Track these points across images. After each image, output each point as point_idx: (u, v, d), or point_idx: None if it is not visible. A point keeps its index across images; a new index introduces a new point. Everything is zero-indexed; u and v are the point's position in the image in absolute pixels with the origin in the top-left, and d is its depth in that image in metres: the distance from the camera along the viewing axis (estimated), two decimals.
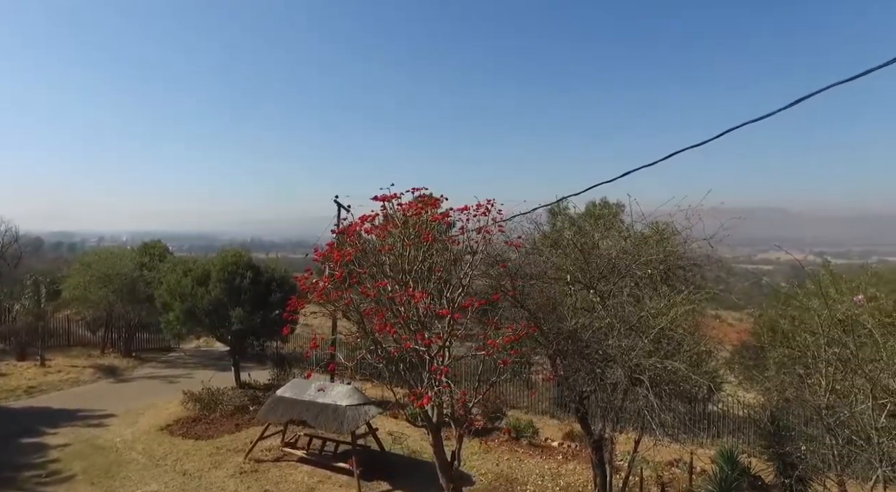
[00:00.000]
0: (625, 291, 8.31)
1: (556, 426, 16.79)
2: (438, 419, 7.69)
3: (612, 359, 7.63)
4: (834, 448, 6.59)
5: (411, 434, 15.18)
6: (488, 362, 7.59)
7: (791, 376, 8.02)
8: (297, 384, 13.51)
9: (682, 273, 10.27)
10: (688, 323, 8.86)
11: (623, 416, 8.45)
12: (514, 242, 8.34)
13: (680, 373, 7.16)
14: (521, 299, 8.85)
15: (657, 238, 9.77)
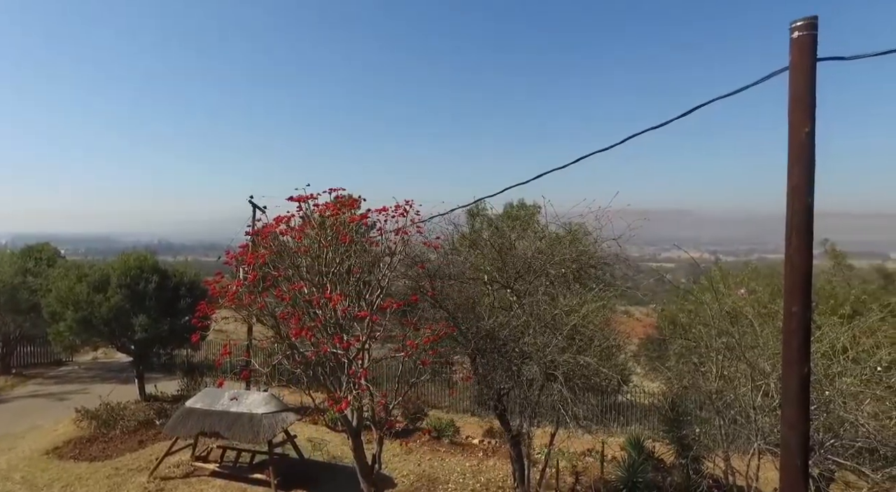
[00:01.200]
0: (540, 290, 8.62)
1: (476, 424, 17.10)
2: (358, 423, 7.60)
3: (528, 356, 7.90)
4: (721, 428, 7.22)
5: (331, 439, 14.86)
6: (408, 363, 7.60)
7: (688, 365, 8.68)
8: (208, 394, 12.81)
9: (593, 272, 10.81)
10: (599, 319, 9.36)
11: (539, 411, 8.77)
12: (432, 242, 8.40)
13: (591, 367, 7.54)
14: (441, 300, 8.95)
15: (570, 238, 10.23)
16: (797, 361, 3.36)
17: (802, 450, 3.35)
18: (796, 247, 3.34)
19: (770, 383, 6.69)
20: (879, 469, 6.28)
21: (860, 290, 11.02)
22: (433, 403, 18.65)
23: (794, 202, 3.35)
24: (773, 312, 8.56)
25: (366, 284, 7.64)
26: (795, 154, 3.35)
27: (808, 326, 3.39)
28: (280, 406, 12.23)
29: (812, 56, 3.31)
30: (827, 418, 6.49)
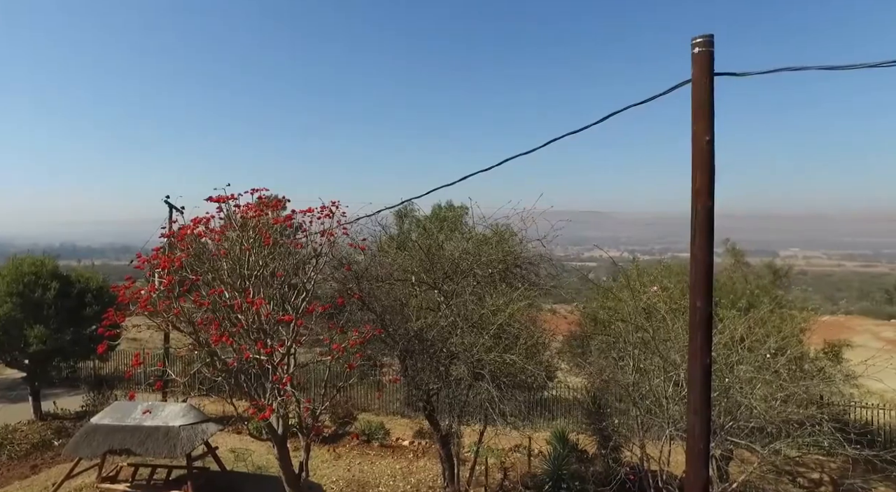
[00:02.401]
0: (467, 291, 8.75)
1: (406, 425, 17.07)
2: (284, 430, 7.37)
3: (456, 356, 7.99)
4: (637, 418, 7.67)
5: (256, 449, 14.30)
6: (336, 367, 7.48)
7: (608, 359, 9.13)
8: (118, 408, 11.92)
9: (519, 271, 11.12)
10: (524, 318, 9.63)
11: (468, 409, 8.89)
12: (359, 244, 8.32)
13: (517, 365, 7.75)
14: (368, 302, 8.87)
15: (497, 239, 10.46)
16: (700, 352, 3.63)
17: (705, 434, 3.63)
18: (699, 246, 3.61)
19: (680, 373, 7.18)
20: (766, 445, 6.91)
21: (755, 285, 12.08)
22: (363, 406, 18.41)
23: (697, 204, 3.63)
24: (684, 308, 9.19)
25: (291, 288, 7.44)
26: (698, 160, 3.62)
27: (710, 320, 3.68)
28: (200, 417, 11.61)
29: (710, 70, 3.60)
30: (726, 403, 7.05)
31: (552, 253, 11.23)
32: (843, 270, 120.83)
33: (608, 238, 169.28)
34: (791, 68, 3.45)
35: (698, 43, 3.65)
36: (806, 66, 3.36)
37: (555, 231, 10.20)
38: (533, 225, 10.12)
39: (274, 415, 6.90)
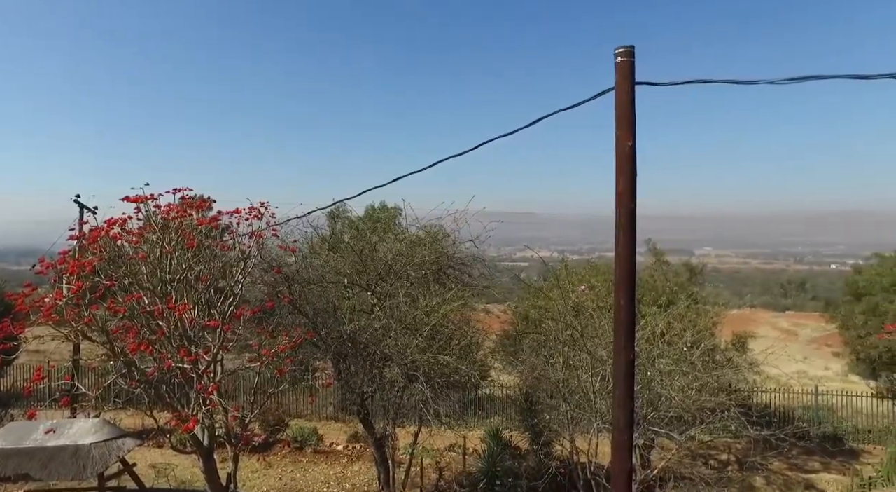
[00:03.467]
0: (401, 292, 8.72)
1: (340, 429, 16.76)
2: (210, 441, 7.02)
3: (389, 358, 7.94)
4: (567, 413, 7.96)
5: (180, 463, 13.54)
6: (266, 373, 7.21)
7: (539, 357, 9.39)
8: (13, 429, 10.74)
9: (452, 272, 11.21)
10: (458, 318, 9.73)
11: (402, 411, 8.86)
12: (289, 246, 8.08)
13: (451, 365, 7.81)
14: (300, 305, 8.64)
15: (430, 240, 10.50)
16: (624, 348, 3.81)
17: (628, 426, 3.82)
18: (623, 246, 3.79)
19: (607, 368, 7.52)
20: (683, 433, 7.38)
21: (673, 282, 12.85)
22: (295, 412, 17.89)
23: (620, 206, 3.81)
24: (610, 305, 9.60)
25: (218, 292, 7.11)
26: (621, 164, 3.80)
27: (634, 317, 3.87)
28: (114, 432, 10.79)
29: (631, 79, 3.79)
30: (649, 395, 7.46)
31: (485, 253, 11.41)
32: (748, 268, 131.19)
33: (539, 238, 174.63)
34: (701, 81, 3.70)
35: (620, 53, 3.83)
36: (714, 79, 3.63)
37: (487, 232, 10.38)
38: (466, 226, 10.25)
39: (199, 425, 6.56)
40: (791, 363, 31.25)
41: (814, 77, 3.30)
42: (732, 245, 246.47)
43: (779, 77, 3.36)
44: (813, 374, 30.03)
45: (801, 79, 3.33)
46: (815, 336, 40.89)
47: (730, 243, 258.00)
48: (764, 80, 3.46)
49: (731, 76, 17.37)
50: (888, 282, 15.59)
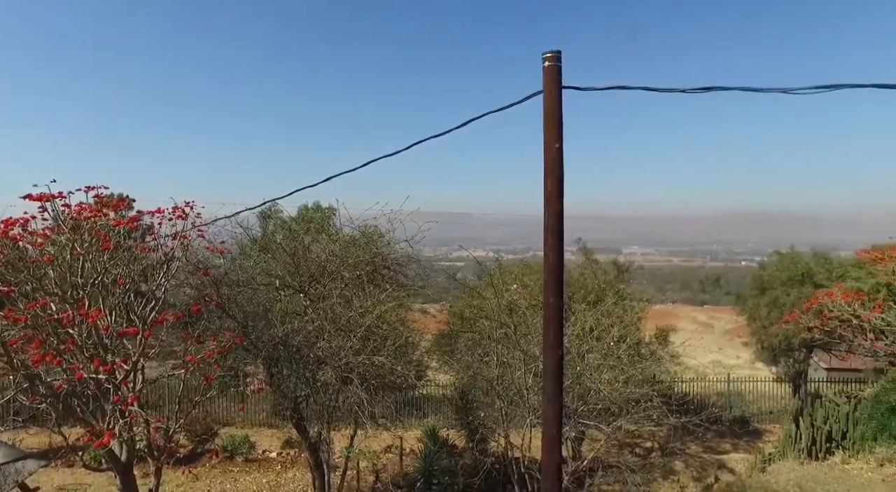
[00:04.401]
0: (335, 293, 8.57)
1: (274, 436, 16.25)
2: (129, 456, 6.60)
3: (323, 361, 7.79)
4: (502, 410, 8.12)
5: (94, 482, 12.64)
6: (192, 380, 6.86)
7: (473, 355, 9.52)
8: None
9: (388, 273, 11.14)
10: (394, 318, 9.68)
11: (337, 414, 8.71)
12: (217, 247, 7.74)
13: (386, 366, 7.76)
14: (229, 308, 8.30)
15: (364, 241, 10.38)
16: (554, 344, 3.94)
17: (558, 420, 3.95)
18: (551, 245, 3.91)
19: (539, 365, 7.74)
20: (610, 424, 7.74)
21: (602, 280, 13.41)
22: (225, 419, 17.15)
23: (548, 207, 3.92)
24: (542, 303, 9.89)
25: (138, 296, 6.69)
26: (549, 166, 3.92)
27: (562, 315, 4.01)
28: (13, 454, 9.84)
29: (558, 83, 3.92)
30: (579, 389, 7.76)
31: (421, 254, 11.42)
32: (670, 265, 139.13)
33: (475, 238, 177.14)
34: (622, 87, 3.89)
35: (548, 57, 3.95)
36: (634, 86, 3.83)
37: (422, 232, 10.39)
38: (401, 226, 10.22)
39: (115, 440, 6.14)
40: (708, 354, 33.49)
41: (716, 88, 3.56)
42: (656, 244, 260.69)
43: (690, 86, 3.59)
44: (727, 363, 32.32)
45: (705, 89, 3.58)
46: (729, 328, 43.96)
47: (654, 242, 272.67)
48: (676, 88, 3.70)
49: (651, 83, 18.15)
50: (786, 277, 17.05)
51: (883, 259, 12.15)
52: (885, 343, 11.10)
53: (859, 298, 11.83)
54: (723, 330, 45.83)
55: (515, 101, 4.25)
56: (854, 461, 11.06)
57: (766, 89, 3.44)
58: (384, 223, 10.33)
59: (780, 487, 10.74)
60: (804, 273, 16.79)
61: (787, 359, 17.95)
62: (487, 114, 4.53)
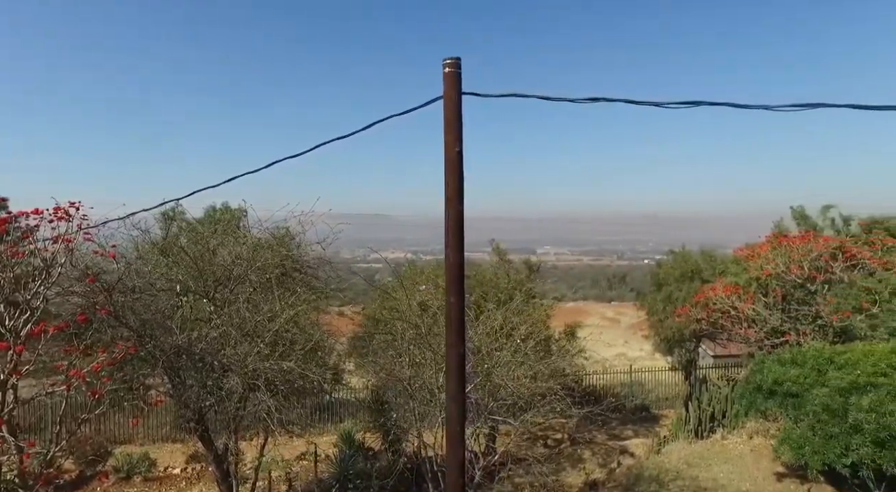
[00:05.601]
0: (241, 298, 8.24)
1: (178, 451, 15.28)
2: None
3: (228, 368, 7.46)
4: (415, 410, 8.19)
5: None
6: (75, 397, 6.31)
7: (386, 357, 9.52)
8: None
9: (299, 275, 10.87)
10: (306, 322, 9.46)
11: (245, 423, 8.38)
12: (108, 251, 7.19)
13: (295, 371, 7.57)
14: (123, 316, 7.72)
15: (274, 243, 10.07)
16: (455, 343, 4.05)
17: (460, 417, 4.07)
18: (452, 247, 4.02)
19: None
20: (519, 418, 8.06)
21: (513, 279, 13.90)
22: (122, 437, 15.86)
23: (449, 208, 4.03)
24: None
25: (11, 306, 6.05)
26: (449, 169, 4.03)
27: (463, 314, 4.13)
28: None
29: (458, 89, 4.04)
30: (490, 386, 7.99)
31: (338, 255, 11.25)
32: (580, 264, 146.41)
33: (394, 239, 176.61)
34: (518, 95, 4.07)
35: (448, 64, 4.06)
36: (529, 94, 4.03)
37: (335, 234, 10.25)
38: (312, 228, 10.03)
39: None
40: (615, 348, 35.63)
41: (601, 99, 3.84)
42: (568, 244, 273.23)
43: (579, 96, 3.84)
44: (631, 355, 34.55)
45: (593, 100, 3.85)
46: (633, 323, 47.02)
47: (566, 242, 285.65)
48: (566, 98, 3.94)
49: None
50: (678, 274, 18.59)
51: (754, 256, 13.58)
52: (755, 331, 12.41)
53: (736, 292, 13.15)
54: (628, 324, 48.93)
55: (417, 106, 4.33)
56: (731, 437, 12.30)
57: (665, 104, 3.69)
58: (295, 225, 10.11)
59: (671, 465, 11.68)
60: (693, 270, 18.37)
61: (679, 349, 19.53)
62: (390, 117, 4.58)
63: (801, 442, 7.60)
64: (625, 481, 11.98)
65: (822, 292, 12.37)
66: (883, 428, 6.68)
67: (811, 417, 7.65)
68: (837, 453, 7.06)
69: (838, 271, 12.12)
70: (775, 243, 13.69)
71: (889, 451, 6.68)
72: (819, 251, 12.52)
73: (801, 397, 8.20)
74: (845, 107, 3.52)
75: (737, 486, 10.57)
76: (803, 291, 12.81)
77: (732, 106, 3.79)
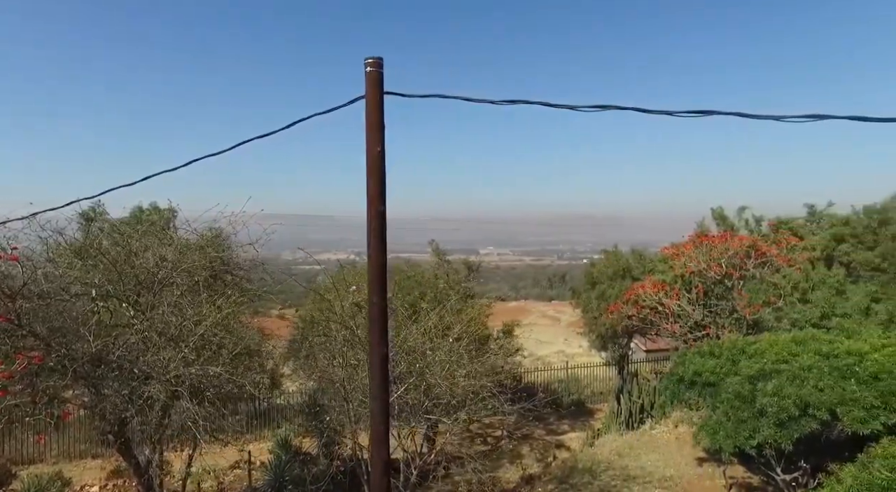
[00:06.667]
0: (166, 302, 7.87)
1: (98, 467, 14.37)
2: None
3: (149, 375, 7.11)
4: (349, 411, 8.10)
5: None
6: None
7: (321, 360, 9.37)
8: None
9: (230, 278, 10.52)
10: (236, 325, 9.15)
11: (169, 434, 7.99)
12: (8, 255, 6.68)
13: (223, 377, 7.31)
14: (30, 324, 7.18)
15: (203, 244, 9.69)
16: (378, 342, 4.04)
17: (384, 417, 4.06)
18: (374, 247, 4.01)
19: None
20: (455, 417, 8.14)
21: (452, 279, 14.01)
22: (31, 457, 14.73)
23: (371, 208, 4.02)
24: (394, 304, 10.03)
25: None
26: (371, 169, 4.02)
27: (386, 313, 4.12)
28: None
29: (380, 89, 4.03)
30: (425, 386, 8.02)
31: (279, 257, 10.98)
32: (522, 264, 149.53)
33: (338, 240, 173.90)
34: (441, 96, 4.12)
35: (370, 63, 4.05)
36: (453, 95, 4.08)
37: (268, 234, 10.00)
38: (244, 229, 9.74)
39: None
40: (554, 345, 36.57)
41: (521, 101, 3.94)
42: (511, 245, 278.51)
43: (499, 98, 3.93)
44: (569, 352, 35.57)
45: (512, 102, 3.95)
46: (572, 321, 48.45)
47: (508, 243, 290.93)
48: (487, 99, 4.02)
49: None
50: (611, 272, 19.35)
51: (679, 255, 14.34)
52: (680, 325, 13.11)
53: (663, 289, 13.84)
54: (567, 322, 50.33)
55: (340, 105, 4.29)
56: (658, 427, 12.94)
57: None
58: (226, 226, 9.78)
59: (603, 457, 12.14)
60: (625, 269, 19.16)
61: (613, 345, 20.32)
62: (314, 116, 4.52)
63: (716, 428, 8.08)
64: (559, 474, 12.33)
65: (737, 288, 13.21)
66: (782, 410, 7.23)
67: (725, 404, 8.14)
68: (746, 436, 7.57)
69: (751, 268, 13.00)
70: (697, 243, 14.51)
71: (787, 430, 7.24)
72: (735, 250, 13.38)
73: (717, 386, 8.72)
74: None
75: (662, 472, 11.13)
76: (722, 287, 13.65)
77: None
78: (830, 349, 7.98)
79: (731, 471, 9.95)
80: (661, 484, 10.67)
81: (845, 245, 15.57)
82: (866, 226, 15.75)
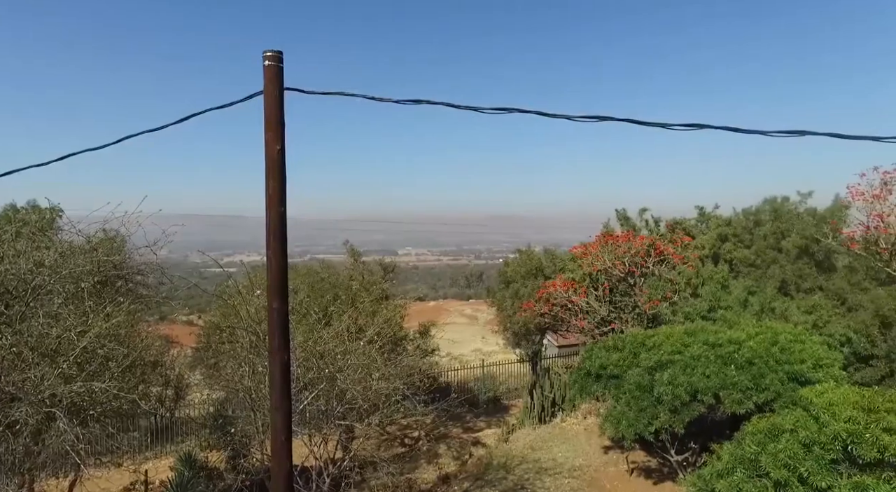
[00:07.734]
0: (41, 312, 7.06)
1: None
2: None
3: (15, 396, 6.34)
4: (258, 421, 7.71)
5: None
6: None
7: (227, 368, 8.86)
8: None
9: (123, 284, 9.69)
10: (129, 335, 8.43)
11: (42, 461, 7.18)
12: None
13: (110, 392, 6.68)
14: None
15: (89, 247, 8.84)
16: (279, 350, 3.84)
17: (286, 427, 3.87)
18: (274, 249, 3.81)
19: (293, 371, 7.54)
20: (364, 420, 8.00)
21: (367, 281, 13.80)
22: None
23: (270, 209, 3.81)
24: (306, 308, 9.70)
25: None
26: (270, 168, 3.81)
27: (287, 318, 3.93)
28: None
29: (279, 84, 3.84)
30: (336, 391, 7.80)
31: (186, 260, 10.25)
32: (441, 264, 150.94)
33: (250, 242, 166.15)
34: (343, 94, 4.00)
35: (268, 57, 3.84)
36: (354, 93, 3.97)
37: (167, 236, 9.32)
38: (140, 230, 9.00)
39: None
40: (472, 343, 37.17)
41: (423, 101, 3.91)
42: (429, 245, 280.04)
43: (401, 98, 3.87)
44: (486, 350, 36.31)
45: (416, 102, 3.91)
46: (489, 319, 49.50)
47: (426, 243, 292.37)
48: (390, 99, 3.95)
49: None
50: (524, 271, 19.96)
51: (587, 254, 15.07)
52: (588, 321, 13.77)
53: (572, 287, 14.46)
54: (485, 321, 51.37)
55: (237, 100, 4.05)
56: (569, 419, 13.53)
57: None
58: (117, 226, 8.99)
59: (517, 451, 12.47)
60: (537, 267, 19.82)
61: (526, 342, 20.96)
62: (209, 110, 4.23)
63: (619, 417, 8.55)
64: (475, 471, 12.51)
65: (639, 284, 14.09)
66: (676, 397, 7.82)
67: (627, 394, 8.64)
68: (645, 423, 8.10)
69: (651, 266, 13.92)
70: (604, 242, 15.32)
71: (679, 416, 7.85)
72: (637, 249, 14.28)
73: (620, 378, 9.24)
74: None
75: (572, 463, 11.62)
76: (625, 284, 14.50)
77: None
78: (715, 339, 8.73)
79: (633, 456, 10.58)
80: (571, 474, 11.14)
81: (728, 244, 17.18)
82: (744, 227, 17.47)
